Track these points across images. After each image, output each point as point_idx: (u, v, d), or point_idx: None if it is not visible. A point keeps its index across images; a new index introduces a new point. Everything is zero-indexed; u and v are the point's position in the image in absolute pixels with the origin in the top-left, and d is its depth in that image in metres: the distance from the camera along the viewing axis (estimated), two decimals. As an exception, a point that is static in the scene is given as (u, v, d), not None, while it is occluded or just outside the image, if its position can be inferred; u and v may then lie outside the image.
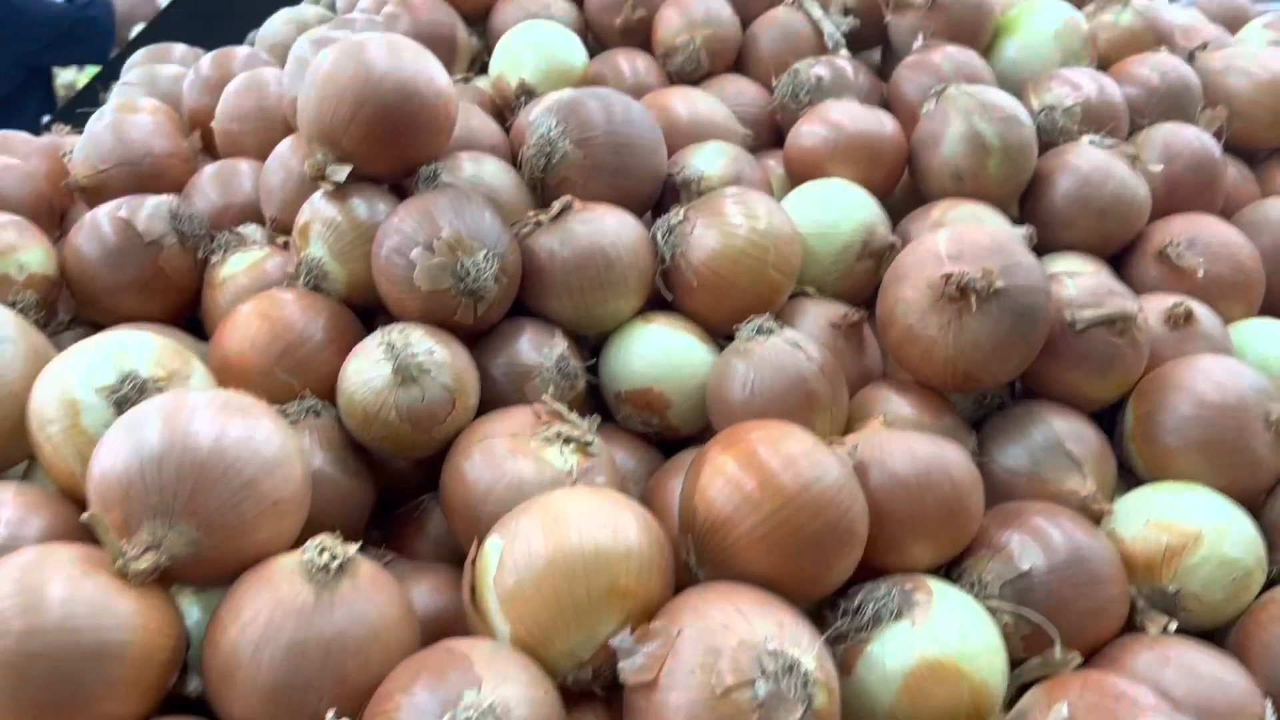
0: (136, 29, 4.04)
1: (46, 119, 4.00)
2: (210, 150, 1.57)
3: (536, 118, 1.31)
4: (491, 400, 1.14)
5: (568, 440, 1.04)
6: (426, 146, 1.23)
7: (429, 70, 1.21)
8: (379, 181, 1.24)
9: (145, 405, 0.90)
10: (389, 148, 1.19)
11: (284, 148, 1.31)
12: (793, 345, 1.12)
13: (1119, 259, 1.42)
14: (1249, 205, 1.50)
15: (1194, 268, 1.32)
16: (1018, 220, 1.41)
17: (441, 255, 1.10)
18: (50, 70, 4.80)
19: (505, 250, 1.14)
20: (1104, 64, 1.62)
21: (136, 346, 1.02)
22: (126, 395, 0.97)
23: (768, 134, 1.60)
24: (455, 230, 1.11)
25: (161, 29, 3.21)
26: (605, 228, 1.20)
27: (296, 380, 1.10)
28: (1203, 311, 1.26)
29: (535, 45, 1.54)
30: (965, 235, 1.14)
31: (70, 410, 0.97)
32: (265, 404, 0.95)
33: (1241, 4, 1.93)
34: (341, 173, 1.17)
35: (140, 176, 1.37)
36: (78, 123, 2.00)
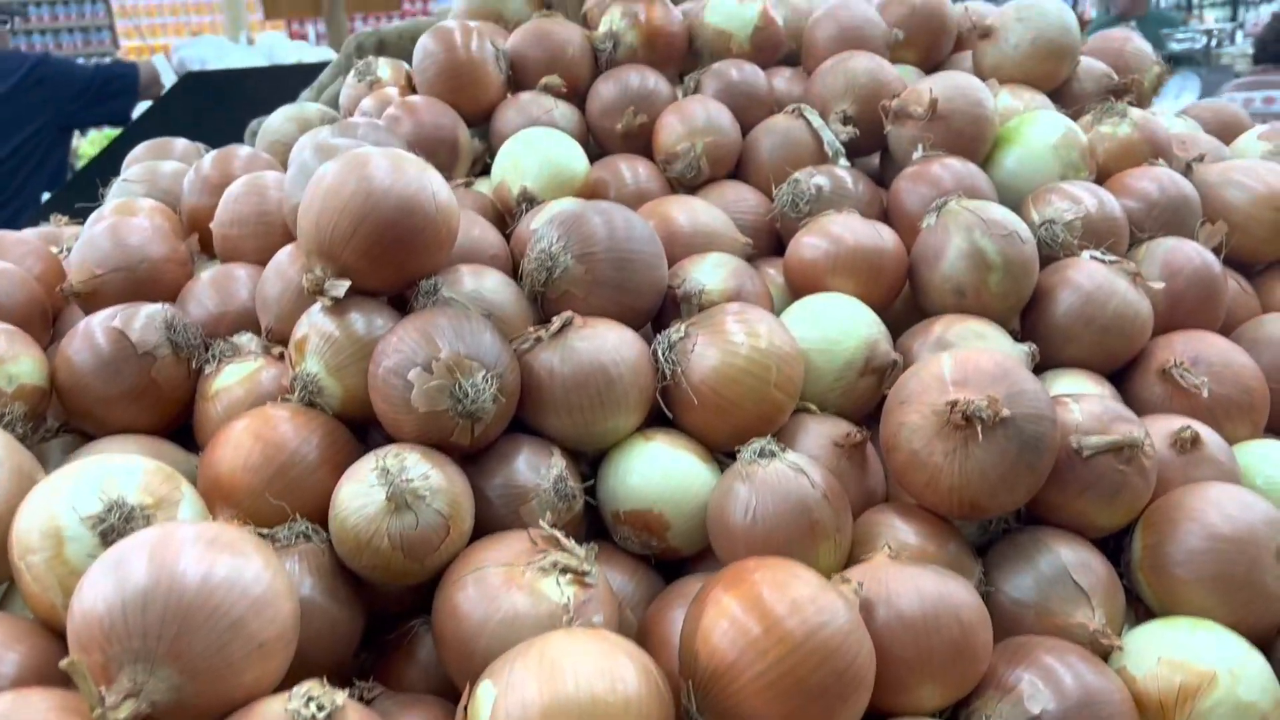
0: (142, 107, 4.09)
1: (46, 196, 4.05)
2: (209, 250, 1.56)
3: (539, 230, 1.30)
4: (486, 522, 1.12)
5: (564, 570, 1.01)
6: (427, 261, 1.22)
7: (431, 185, 1.20)
8: (378, 294, 1.23)
9: (131, 540, 0.87)
10: (389, 263, 1.19)
11: (282, 257, 1.30)
12: (796, 470, 1.10)
13: (1122, 374, 1.41)
14: (1251, 321, 1.49)
15: (1198, 388, 1.31)
16: (1019, 335, 1.40)
17: (440, 377, 1.08)
18: (72, 131, 4.99)
19: (504, 369, 1.13)
20: (1102, 174, 1.63)
21: (123, 471, 1.00)
22: (112, 525, 0.94)
23: (768, 241, 1.60)
24: (454, 351, 1.09)
25: (164, 110, 3.25)
26: (606, 345, 1.19)
27: (288, 503, 1.07)
28: (1209, 435, 1.25)
29: (537, 152, 1.54)
30: (970, 360, 1.13)
31: (54, 540, 0.94)
32: (254, 537, 0.92)
33: (1236, 114, 1.95)
34: (340, 288, 1.16)
35: (136, 282, 1.36)
36: (75, 214, 2.00)
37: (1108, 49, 1.94)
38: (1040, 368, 1.37)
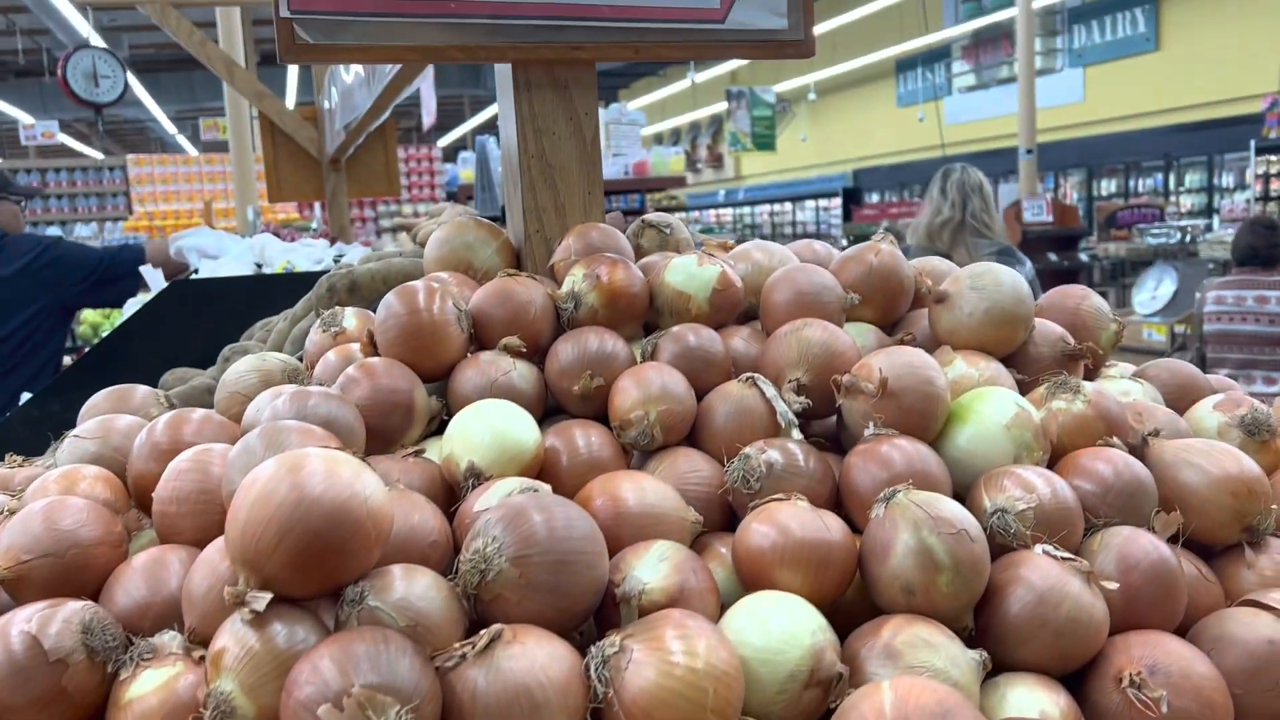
0: (132, 307, 4.17)
1: (26, 399, 4.08)
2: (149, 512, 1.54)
3: (478, 527, 1.28)
4: None
5: None
6: (355, 567, 1.19)
7: (364, 491, 1.19)
8: (305, 600, 1.20)
9: None
10: (315, 573, 1.16)
11: (213, 552, 1.27)
12: (726, 818, 1.04)
13: (1078, 675, 1.36)
14: (1213, 616, 1.45)
15: (1156, 704, 1.26)
16: (972, 632, 1.36)
17: (350, 714, 1.04)
18: (74, 313, 5.17)
19: (421, 700, 1.08)
20: (1057, 451, 1.62)
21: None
22: None
23: (720, 514, 1.58)
24: (367, 683, 1.05)
25: (155, 313, 3.31)
26: (534, 665, 1.14)
27: None
28: (1169, 766, 1.19)
29: (490, 428, 1.54)
30: (911, 695, 1.09)
31: None
32: None
33: (1192, 375, 1.96)
34: (261, 601, 1.13)
35: (63, 568, 1.33)
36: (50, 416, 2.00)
37: (1063, 307, 1.98)
38: (994, 670, 1.33)
